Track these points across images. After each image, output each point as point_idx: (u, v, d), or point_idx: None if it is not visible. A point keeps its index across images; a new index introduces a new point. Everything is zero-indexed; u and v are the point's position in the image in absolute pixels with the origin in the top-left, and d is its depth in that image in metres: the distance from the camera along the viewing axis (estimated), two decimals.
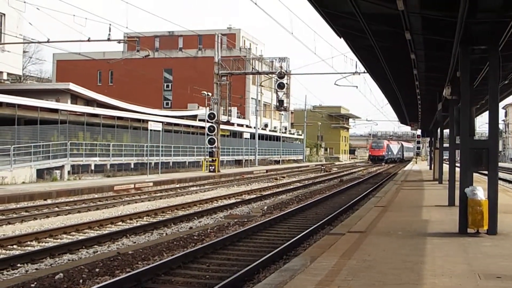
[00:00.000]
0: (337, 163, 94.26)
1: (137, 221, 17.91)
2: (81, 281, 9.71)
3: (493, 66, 11.40)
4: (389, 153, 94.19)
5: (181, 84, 70.39)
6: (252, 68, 57.36)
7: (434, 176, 33.41)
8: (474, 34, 11.08)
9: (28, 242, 13.79)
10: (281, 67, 46.28)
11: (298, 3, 18.04)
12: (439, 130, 32.13)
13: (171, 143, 46.79)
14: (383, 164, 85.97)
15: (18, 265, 11.16)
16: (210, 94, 47.82)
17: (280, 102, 45.34)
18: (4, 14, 36.41)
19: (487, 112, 14.37)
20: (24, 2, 36.10)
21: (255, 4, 24.84)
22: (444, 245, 10.54)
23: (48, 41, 31.00)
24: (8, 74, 39.49)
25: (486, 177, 12.32)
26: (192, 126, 53.47)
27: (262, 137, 70.75)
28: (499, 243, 10.73)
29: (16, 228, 15.96)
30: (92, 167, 36.43)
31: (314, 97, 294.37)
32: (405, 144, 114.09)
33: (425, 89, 22.95)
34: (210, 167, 44.59)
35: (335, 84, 48.57)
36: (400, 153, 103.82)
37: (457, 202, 13.27)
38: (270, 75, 57.87)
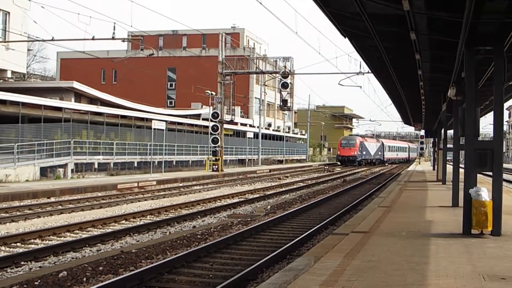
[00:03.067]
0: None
1: (140, 219, 17.93)
2: (84, 279, 9.72)
3: (498, 67, 11.37)
4: (363, 153, 77.54)
5: (184, 83, 70.47)
6: (256, 67, 57.38)
7: (437, 177, 33.34)
8: (479, 35, 11.06)
9: (32, 240, 13.80)
10: (285, 66, 46.27)
11: (303, 3, 18.04)
12: (443, 131, 32.09)
13: (175, 142, 46.83)
14: (356, 165, 72.22)
15: (22, 263, 11.18)
16: (213, 93, 47.85)
17: (284, 101, 45.34)
18: (9, 12, 36.47)
19: (491, 113, 14.34)
20: (29, 0, 36.19)
21: (260, 3, 24.83)
22: (448, 246, 10.52)
23: (52, 39, 31.04)
24: (12, 72, 39.58)
25: (490, 178, 12.30)
26: (196, 125, 53.52)
27: (265, 136, 70.75)
28: (504, 244, 10.70)
29: (19, 226, 15.99)
30: (96, 166, 36.47)
31: (318, 97, 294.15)
32: (388, 143, 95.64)
33: (429, 89, 22.92)
34: (214, 166, 44.60)
35: (339, 84, 48.68)
36: (380, 153, 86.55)
37: (461, 203, 13.28)
38: (274, 74, 57.92)
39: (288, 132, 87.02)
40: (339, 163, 75.96)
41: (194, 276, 10.13)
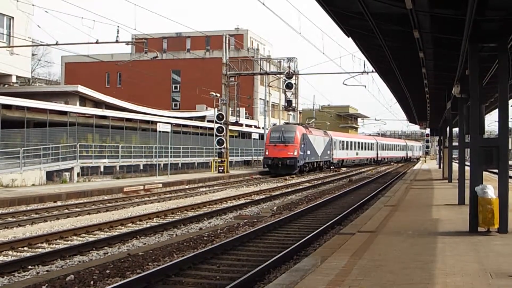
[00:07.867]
0: None
1: (147, 222, 17.94)
2: (92, 282, 9.73)
3: (502, 64, 11.35)
4: (308, 152, 49.54)
5: (189, 85, 70.44)
6: (260, 68, 57.37)
7: (443, 175, 33.29)
8: (483, 32, 11.03)
9: (39, 244, 13.83)
10: (289, 67, 46.31)
11: (306, 3, 18.01)
12: (448, 129, 32.03)
13: (180, 144, 46.84)
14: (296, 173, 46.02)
15: (29, 267, 11.19)
16: (218, 95, 47.86)
17: (289, 102, 45.39)
18: (13, 17, 36.56)
19: (496, 110, 14.29)
20: (33, 5, 36.34)
21: (263, 4, 24.82)
22: (455, 244, 10.49)
23: (56, 44, 31.08)
24: (17, 77, 39.66)
25: (496, 176, 12.27)
26: (201, 127, 53.53)
27: None
28: (511, 241, 10.67)
29: (26, 230, 16.02)
30: (102, 169, 36.51)
31: (323, 97, 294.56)
32: (338, 137, 65.18)
33: (434, 87, 22.88)
34: (219, 168, 44.61)
35: (343, 83, 48.43)
36: (328, 152, 58.81)
37: (467, 200, 13.26)
38: (278, 75, 57.89)
39: None
40: (267, 168, 47.67)
41: (201, 278, 10.13)
